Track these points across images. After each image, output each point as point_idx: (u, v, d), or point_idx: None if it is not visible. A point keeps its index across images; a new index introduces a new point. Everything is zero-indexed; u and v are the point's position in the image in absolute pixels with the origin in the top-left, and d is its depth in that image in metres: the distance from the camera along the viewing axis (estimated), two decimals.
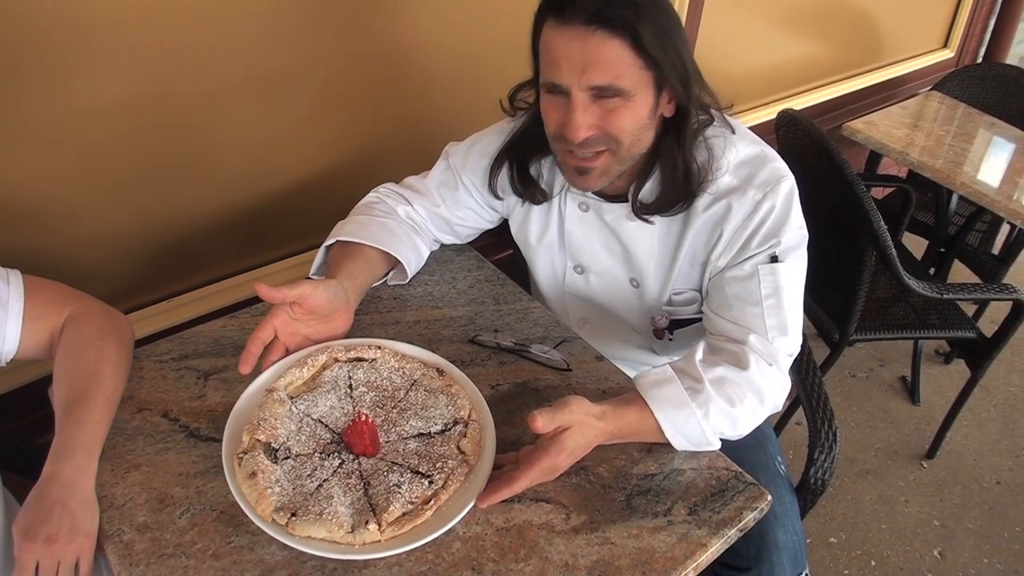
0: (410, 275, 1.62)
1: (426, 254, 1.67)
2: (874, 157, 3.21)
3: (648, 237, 1.52)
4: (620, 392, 1.37)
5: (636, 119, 1.32)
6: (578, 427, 1.21)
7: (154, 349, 1.44)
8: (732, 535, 1.19)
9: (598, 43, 1.23)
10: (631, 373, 1.43)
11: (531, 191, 1.57)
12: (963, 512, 2.76)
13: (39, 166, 1.51)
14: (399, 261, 1.56)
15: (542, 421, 1.16)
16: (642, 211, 1.45)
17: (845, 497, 2.77)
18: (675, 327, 1.64)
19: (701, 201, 1.43)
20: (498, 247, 1.97)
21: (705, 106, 1.42)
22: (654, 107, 1.34)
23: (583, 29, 1.23)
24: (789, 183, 1.41)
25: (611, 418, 1.26)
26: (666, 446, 1.30)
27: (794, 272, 1.42)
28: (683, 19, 2.48)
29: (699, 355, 1.35)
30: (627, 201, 1.48)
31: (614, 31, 1.22)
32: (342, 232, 1.54)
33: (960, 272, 3.36)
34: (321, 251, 1.58)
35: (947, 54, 4.11)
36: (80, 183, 1.57)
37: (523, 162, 1.55)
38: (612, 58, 1.24)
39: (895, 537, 2.64)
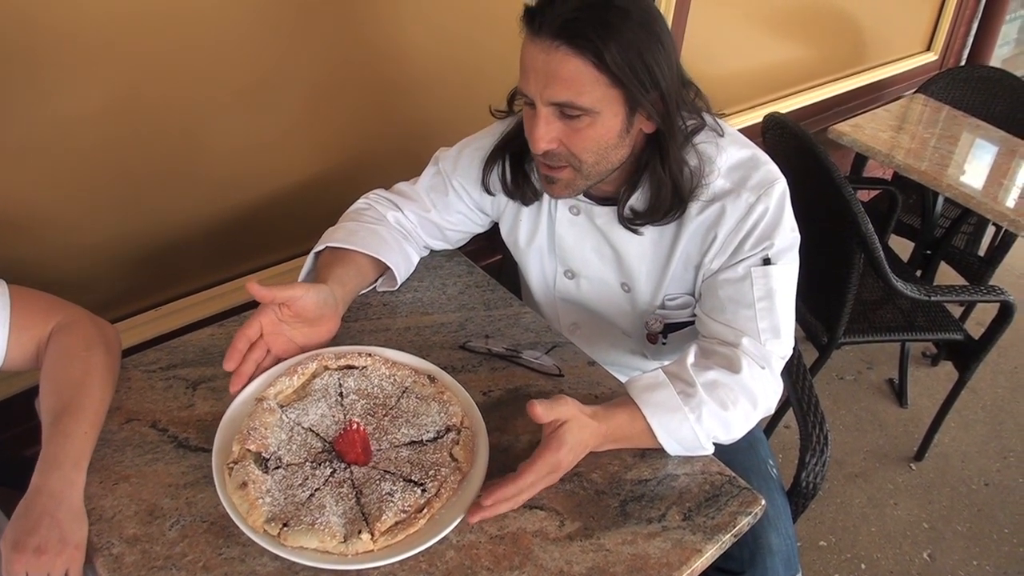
0: (399, 281, 1.60)
1: (416, 260, 1.66)
2: (859, 160, 3.22)
3: (639, 241, 1.51)
4: (612, 397, 1.36)
5: (600, 139, 1.31)
6: (575, 421, 1.20)
7: (142, 359, 1.42)
8: (727, 540, 1.19)
9: (560, 60, 1.22)
10: (622, 379, 1.42)
11: (523, 190, 1.56)
12: (952, 514, 2.77)
13: (22, 174, 1.49)
14: (388, 267, 1.56)
15: (541, 409, 1.15)
16: (634, 219, 1.45)
17: (834, 500, 2.77)
18: (669, 331, 1.63)
19: (694, 205, 1.43)
20: (488, 252, 1.97)
21: (698, 110, 1.42)
22: (625, 125, 1.32)
23: (549, 43, 1.21)
24: (782, 186, 1.41)
25: (602, 419, 1.25)
26: (659, 451, 1.29)
27: (786, 274, 1.42)
28: (669, 23, 2.48)
29: (691, 359, 1.35)
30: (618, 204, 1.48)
31: (577, 49, 1.20)
32: (331, 238, 1.52)
33: (946, 274, 3.38)
34: (310, 257, 1.56)
35: (931, 57, 4.13)
36: (64, 191, 1.55)
37: (517, 159, 1.54)
38: (573, 75, 1.23)
39: (885, 540, 2.65)
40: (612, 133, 1.31)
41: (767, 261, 1.40)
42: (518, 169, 1.54)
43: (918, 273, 3.26)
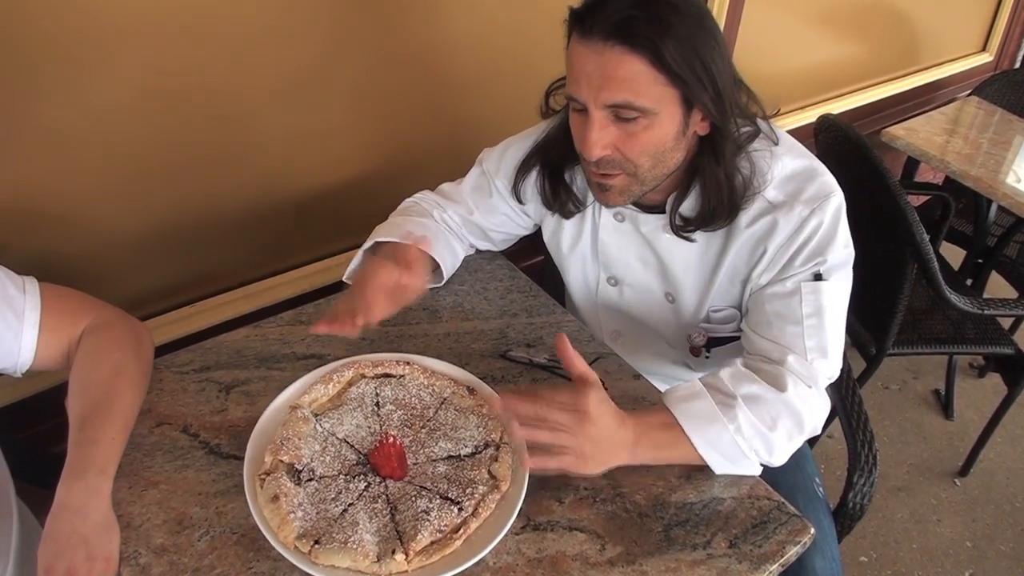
0: (446, 277, 1.59)
1: (461, 256, 1.64)
2: (911, 163, 3.14)
3: (686, 251, 1.46)
4: None
5: (658, 143, 1.26)
6: (602, 393, 1.16)
7: (175, 359, 1.40)
8: (774, 570, 1.14)
9: (616, 59, 1.17)
10: (665, 389, 1.38)
11: (562, 201, 1.51)
12: (995, 533, 2.69)
13: (57, 170, 1.47)
14: (436, 263, 1.53)
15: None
16: (683, 227, 1.40)
17: (877, 514, 2.71)
18: (712, 345, 1.58)
19: (745, 216, 1.37)
20: (529, 252, 1.92)
21: (751, 116, 1.36)
22: (682, 126, 1.26)
23: (602, 44, 1.16)
24: (838, 199, 1.35)
25: (631, 420, 1.21)
26: (704, 472, 1.25)
27: (838, 291, 1.36)
28: (722, 22, 2.45)
29: (731, 371, 1.30)
30: (665, 212, 1.43)
31: (633, 47, 1.15)
32: (380, 234, 1.51)
33: (997, 283, 3.28)
34: (360, 255, 1.54)
35: (986, 58, 4.04)
36: (100, 184, 1.54)
37: (555, 169, 1.50)
38: (630, 75, 1.17)
39: (926, 557, 2.58)
40: (669, 135, 1.26)
41: (818, 277, 1.34)
42: (557, 180, 1.50)
43: (968, 282, 3.17)
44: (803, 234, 1.33)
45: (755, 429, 1.23)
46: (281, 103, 1.69)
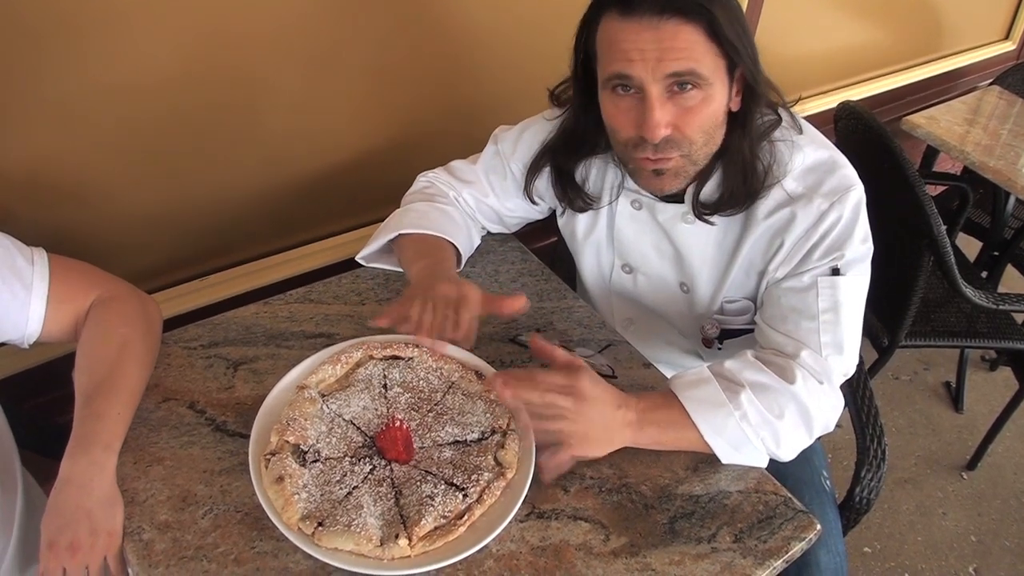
0: (462, 264, 1.57)
1: (477, 243, 1.63)
2: (930, 152, 3.10)
3: (702, 241, 1.44)
4: None
5: (712, 116, 1.24)
6: (593, 375, 1.16)
7: (183, 334, 1.39)
8: (778, 566, 1.13)
9: (672, 30, 1.15)
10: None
11: (570, 199, 1.50)
12: (1001, 528, 2.68)
13: (69, 142, 1.46)
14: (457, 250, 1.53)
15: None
16: (703, 211, 1.38)
17: (882, 506, 2.70)
18: (725, 337, 1.57)
19: (763, 207, 1.35)
20: (542, 234, 1.91)
21: (772, 104, 1.33)
22: (727, 99, 1.26)
23: (654, 19, 1.15)
24: (858, 193, 1.32)
25: (633, 400, 1.20)
26: (711, 464, 1.24)
27: (855, 287, 1.34)
28: (744, 4, 2.41)
29: (740, 360, 1.29)
30: (682, 202, 1.41)
31: (688, 17, 1.14)
32: (406, 222, 1.49)
33: (1012, 277, 3.26)
34: (381, 242, 1.52)
35: (1009, 46, 3.97)
36: (112, 159, 1.53)
37: (565, 168, 1.49)
38: (689, 43, 1.16)
39: (931, 550, 2.58)
40: (721, 109, 1.25)
41: (836, 271, 1.32)
42: (567, 179, 1.49)
43: (984, 274, 3.15)
44: (821, 228, 1.31)
45: (762, 417, 1.21)
46: (293, 80, 1.68)
